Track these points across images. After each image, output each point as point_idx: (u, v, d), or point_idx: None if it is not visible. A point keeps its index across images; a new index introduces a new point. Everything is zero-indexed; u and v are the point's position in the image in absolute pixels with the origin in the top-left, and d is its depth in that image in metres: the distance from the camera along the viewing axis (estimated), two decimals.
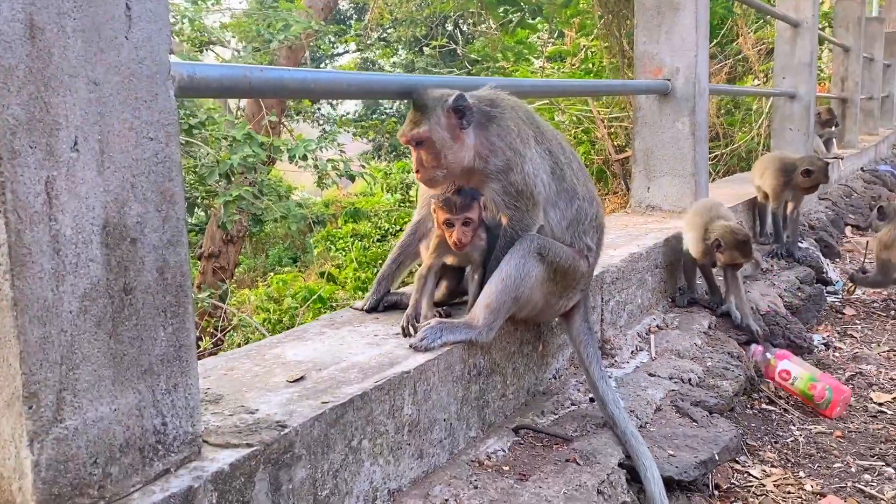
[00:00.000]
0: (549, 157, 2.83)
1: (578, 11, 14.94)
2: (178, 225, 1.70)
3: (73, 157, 1.49)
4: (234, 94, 2.11)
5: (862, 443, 3.61)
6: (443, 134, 2.60)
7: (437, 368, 2.42)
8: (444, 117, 2.61)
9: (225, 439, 1.85)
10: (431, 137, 2.60)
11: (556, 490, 2.39)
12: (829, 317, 5.56)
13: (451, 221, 2.63)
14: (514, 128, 2.73)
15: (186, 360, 1.75)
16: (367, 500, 2.15)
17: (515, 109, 2.80)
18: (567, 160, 2.89)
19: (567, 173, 2.86)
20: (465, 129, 2.63)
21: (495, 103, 2.77)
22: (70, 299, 1.50)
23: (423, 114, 2.63)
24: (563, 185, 2.84)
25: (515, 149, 2.70)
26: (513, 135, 2.71)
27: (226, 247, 11.51)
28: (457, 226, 2.63)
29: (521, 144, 2.72)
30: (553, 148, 2.86)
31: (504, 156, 2.66)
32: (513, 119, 2.75)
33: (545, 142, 2.84)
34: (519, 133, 2.73)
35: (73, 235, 1.50)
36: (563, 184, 2.84)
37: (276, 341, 2.63)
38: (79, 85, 1.49)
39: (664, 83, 4.92)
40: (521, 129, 2.75)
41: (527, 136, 2.76)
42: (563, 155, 2.89)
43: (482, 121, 2.69)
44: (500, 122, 2.71)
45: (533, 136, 2.80)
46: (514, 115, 2.77)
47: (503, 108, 2.77)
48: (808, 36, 8.13)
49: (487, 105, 2.74)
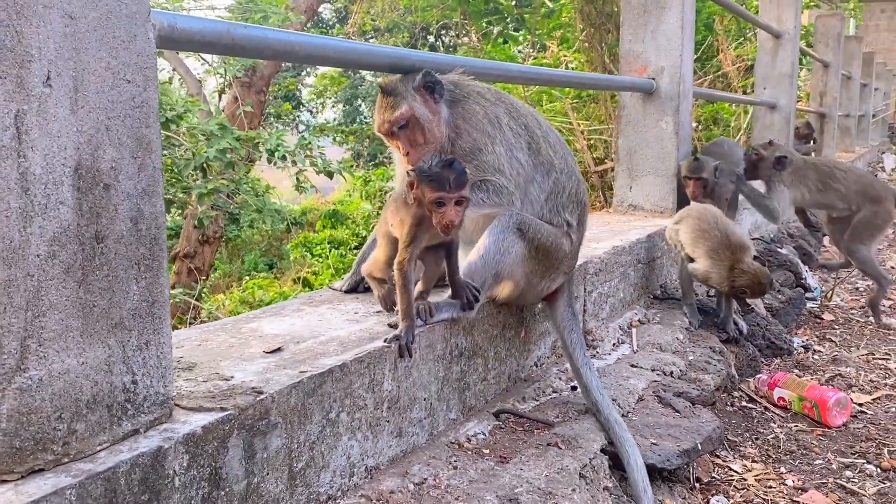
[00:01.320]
0: (525, 131, 2.81)
1: (561, 24, 15.00)
2: (155, 174, 1.63)
3: (45, 93, 1.42)
4: (215, 50, 2.04)
5: (843, 441, 3.58)
6: (422, 109, 2.65)
7: (418, 345, 2.36)
8: (418, 95, 2.65)
9: (198, 403, 1.78)
10: (414, 114, 2.63)
11: (537, 472, 2.33)
12: (808, 321, 5.56)
13: (443, 200, 2.22)
14: (480, 109, 2.73)
15: (160, 318, 1.67)
16: (343, 475, 2.08)
17: (481, 92, 2.81)
18: (543, 133, 2.86)
19: (543, 147, 2.84)
20: (438, 103, 2.68)
21: (459, 86, 2.79)
22: (38, 242, 1.43)
23: (395, 97, 2.65)
24: (539, 159, 2.82)
25: (483, 129, 2.69)
26: (478, 116, 2.71)
27: (201, 247, 11.38)
28: (449, 206, 2.23)
29: (489, 125, 2.71)
30: (529, 122, 2.84)
31: (470, 137, 2.66)
32: (478, 101, 2.76)
33: (520, 117, 2.82)
34: (486, 113, 2.73)
35: (42, 175, 1.43)
36: (539, 157, 2.82)
37: (252, 316, 2.56)
38: (53, 16, 1.42)
39: (649, 82, 4.91)
40: (489, 110, 2.75)
41: (496, 114, 2.75)
42: (539, 129, 2.87)
43: (449, 102, 2.73)
44: (464, 105, 2.73)
45: (505, 111, 2.79)
46: (479, 97, 2.77)
47: (468, 91, 2.78)
48: (789, 47, 8.19)
49: (452, 87, 2.76)
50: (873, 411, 3.96)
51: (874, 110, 18.98)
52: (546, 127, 2.92)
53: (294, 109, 22.95)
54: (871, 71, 17.27)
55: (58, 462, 1.49)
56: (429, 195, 2.24)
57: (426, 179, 2.25)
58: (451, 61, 2.95)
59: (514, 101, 2.88)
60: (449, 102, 2.73)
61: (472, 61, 3.24)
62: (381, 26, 21.75)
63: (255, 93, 12.73)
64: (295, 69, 24.37)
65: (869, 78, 16.96)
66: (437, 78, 2.67)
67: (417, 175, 2.28)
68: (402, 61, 2.72)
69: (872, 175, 6.63)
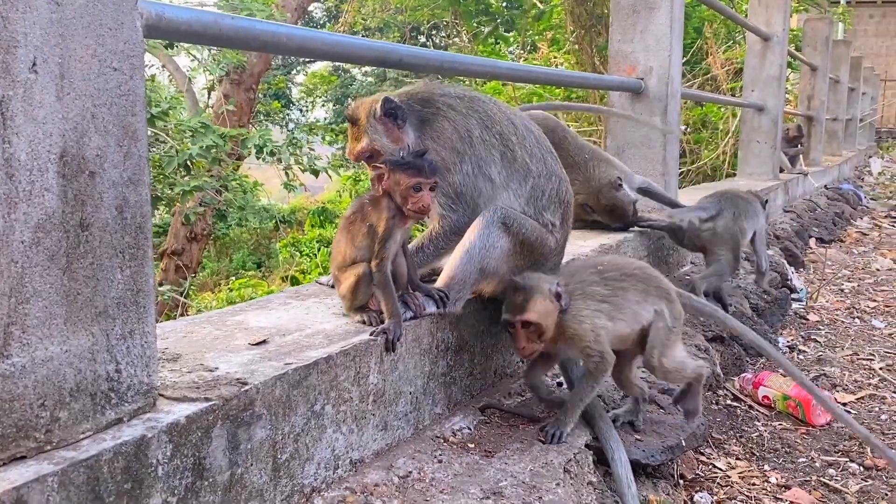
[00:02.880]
0: (499, 140, 2.79)
1: (551, 26, 15.03)
2: (140, 163, 1.63)
3: (30, 79, 1.42)
4: (203, 40, 2.04)
5: (826, 440, 3.60)
6: (383, 141, 2.66)
7: (405, 339, 2.36)
8: (379, 125, 2.66)
9: (182, 393, 1.77)
10: (374, 147, 2.65)
11: (521, 467, 2.34)
12: (793, 322, 5.59)
13: (420, 185, 2.32)
14: (450, 126, 2.72)
15: (144, 307, 1.67)
16: (328, 467, 2.08)
17: (452, 105, 2.78)
18: (519, 139, 2.83)
19: (518, 153, 2.81)
20: (402, 129, 2.67)
21: (429, 102, 2.76)
22: (22, 228, 1.42)
23: (359, 128, 2.68)
24: (514, 167, 2.80)
25: (452, 147, 2.69)
26: (447, 133, 2.71)
27: (189, 245, 11.34)
28: (425, 190, 2.33)
29: (458, 141, 2.71)
30: (504, 129, 2.81)
31: (439, 157, 2.64)
32: (447, 117, 2.74)
33: (494, 125, 2.80)
34: (456, 128, 2.72)
35: (27, 161, 1.42)
36: (515, 165, 2.80)
37: (238, 309, 2.55)
38: (39, 2, 1.42)
39: (637, 82, 4.93)
40: (459, 124, 2.73)
41: (467, 128, 2.74)
42: (515, 134, 2.83)
43: (416, 124, 2.72)
44: (433, 124, 2.72)
45: (478, 123, 2.77)
46: (448, 111, 2.75)
47: (438, 105, 2.76)
48: (777, 50, 8.24)
49: (420, 104, 2.75)
50: (857, 411, 3.99)
51: (861, 114, 19.13)
52: (523, 131, 2.87)
53: (284, 108, 22.92)
54: (858, 75, 17.40)
55: (40, 450, 1.48)
56: (405, 181, 2.33)
57: (402, 167, 2.34)
58: (437, 56, 2.96)
59: (490, 107, 2.84)
60: (418, 122, 2.72)
61: (460, 58, 3.25)
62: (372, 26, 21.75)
63: (245, 90, 12.71)
64: (285, 67, 24.36)
65: (857, 82, 17.09)
66: (396, 104, 2.65)
67: (390, 166, 2.35)
68: (390, 55, 2.73)
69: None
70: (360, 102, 2.75)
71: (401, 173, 2.33)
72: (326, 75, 25.59)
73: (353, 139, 2.71)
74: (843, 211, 10.50)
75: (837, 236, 9.30)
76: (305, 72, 26.28)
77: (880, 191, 14.69)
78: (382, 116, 2.65)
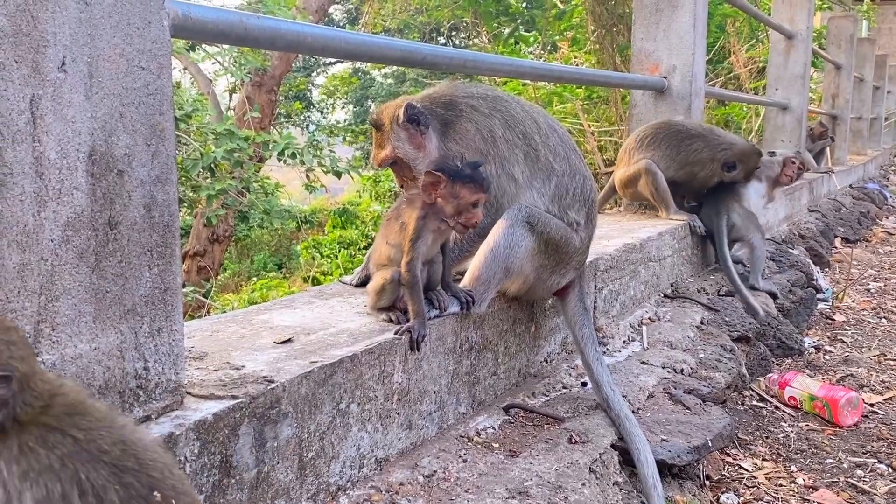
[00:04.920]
0: (522, 140, 2.78)
1: (572, 25, 14.98)
2: (168, 162, 1.64)
3: (60, 78, 1.43)
4: (228, 40, 2.05)
5: (854, 441, 3.56)
6: (406, 148, 2.66)
7: (428, 338, 2.35)
8: (402, 131, 2.65)
9: (209, 391, 1.78)
10: (397, 154, 2.66)
11: (546, 466, 2.33)
12: (819, 322, 5.53)
13: (478, 202, 2.29)
14: (472, 127, 2.71)
15: (172, 305, 1.68)
16: (353, 465, 2.08)
17: (475, 106, 2.77)
18: (543, 138, 2.82)
19: (542, 152, 2.80)
20: (425, 134, 2.67)
21: (452, 104, 2.75)
22: (52, 227, 1.43)
23: (383, 134, 2.68)
24: (537, 165, 2.79)
25: (475, 148, 2.69)
26: (470, 135, 2.70)
27: (211, 246, 11.41)
28: (481, 206, 2.30)
29: (481, 142, 2.70)
30: (527, 129, 2.80)
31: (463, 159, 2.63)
32: (470, 118, 2.73)
33: (517, 125, 2.79)
34: (479, 129, 2.71)
35: (57, 160, 1.43)
36: (538, 164, 2.79)
37: (263, 308, 2.56)
38: (68, 2, 1.43)
39: (661, 80, 4.90)
40: (482, 125, 2.72)
41: (490, 128, 2.73)
42: (539, 133, 2.82)
43: (439, 127, 2.71)
44: (455, 126, 2.72)
45: (500, 123, 2.75)
46: (472, 112, 2.74)
47: (460, 107, 2.75)
48: (801, 48, 8.16)
49: (443, 108, 2.74)
50: (885, 411, 3.94)
51: (887, 113, 18.89)
52: (547, 129, 2.86)
53: (305, 109, 23.01)
54: (883, 73, 17.18)
55: None
56: (468, 197, 2.27)
57: (464, 181, 2.27)
58: (460, 55, 2.96)
59: (513, 106, 2.83)
60: (441, 125, 2.72)
61: (483, 56, 3.24)
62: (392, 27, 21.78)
63: (266, 92, 12.77)
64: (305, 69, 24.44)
65: (882, 80, 16.87)
66: (418, 109, 2.64)
67: (450, 177, 2.27)
68: (414, 55, 2.73)
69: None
70: (384, 107, 2.75)
71: (462, 187, 2.27)
72: (347, 77, 25.66)
73: (378, 145, 2.72)
74: (869, 210, 10.38)
75: (863, 236, 9.20)
76: (326, 73, 26.36)
77: None
78: (405, 122, 2.65)
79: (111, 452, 1.17)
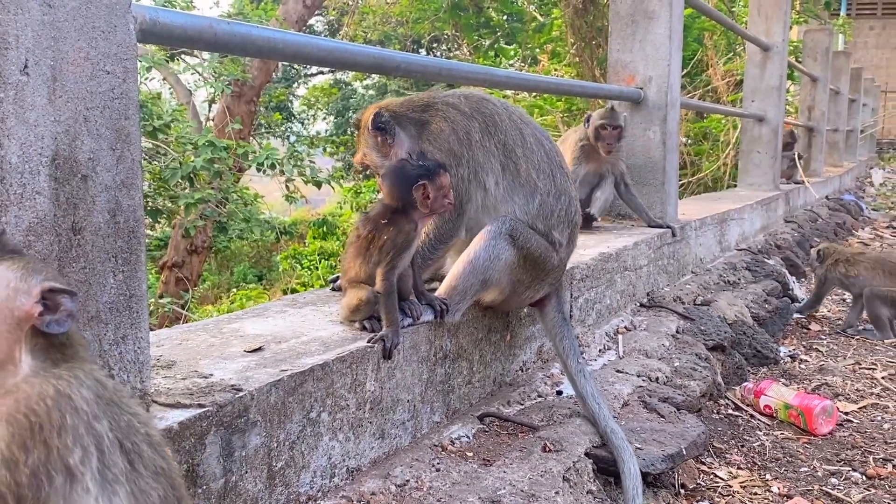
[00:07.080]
0: (501, 150, 2.72)
1: (552, 38, 15.07)
2: (133, 167, 1.62)
3: (22, 81, 1.41)
4: (197, 45, 2.03)
5: (828, 449, 3.57)
6: (373, 156, 2.73)
7: (402, 346, 2.34)
8: (372, 137, 2.71)
9: (175, 399, 1.76)
10: (366, 161, 2.74)
11: (520, 475, 2.32)
12: (795, 331, 5.56)
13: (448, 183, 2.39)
14: (447, 126, 2.68)
15: (137, 312, 1.66)
16: (324, 475, 2.06)
17: (455, 104, 2.74)
18: (526, 152, 2.75)
19: (522, 166, 2.73)
20: (393, 142, 2.70)
21: (428, 106, 2.75)
22: (13, 232, 1.41)
23: (359, 136, 2.76)
24: (518, 180, 2.73)
25: (448, 149, 2.65)
26: (444, 134, 2.67)
27: (189, 257, 11.33)
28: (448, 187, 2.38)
29: (456, 143, 2.66)
30: (508, 139, 2.74)
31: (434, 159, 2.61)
32: (447, 116, 2.70)
33: (497, 133, 2.73)
34: (454, 130, 2.67)
35: (19, 164, 1.41)
36: (519, 178, 2.73)
37: (234, 317, 2.54)
38: (32, 4, 1.41)
39: (637, 91, 4.93)
40: (459, 125, 2.68)
41: (467, 130, 2.68)
42: (522, 146, 2.75)
43: (414, 131, 2.71)
44: (430, 126, 2.71)
45: (479, 127, 2.70)
46: (448, 110, 2.72)
47: (437, 107, 2.73)
48: (777, 60, 8.24)
49: (419, 111, 2.74)
50: (859, 420, 3.96)
51: (862, 125, 19.13)
52: (533, 143, 2.78)
53: (285, 120, 22.96)
54: (859, 86, 17.41)
55: None
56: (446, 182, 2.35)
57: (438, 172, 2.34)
58: (435, 63, 2.96)
59: (498, 111, 2.77)
60: (416, 128, 2.72)
61: (458, 65, 3.24)
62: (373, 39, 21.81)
63: (246, 102, 12.73)
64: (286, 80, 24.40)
65: (857, 93, 17.09)
66: (385, 119, 2.68)
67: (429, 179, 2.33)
68: (387, 62, 2.72)
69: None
70: (366, 110, 2.79)
71: (440, 178, 2.34)
72: (327, 88, 25.64)
73: (357, 146, 2.81)
74: (845, 221, 10.48)
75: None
76: (307, 84, 26.33)
77: (881, 201, 14.67)
78: (374, 130, 2.68)
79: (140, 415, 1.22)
